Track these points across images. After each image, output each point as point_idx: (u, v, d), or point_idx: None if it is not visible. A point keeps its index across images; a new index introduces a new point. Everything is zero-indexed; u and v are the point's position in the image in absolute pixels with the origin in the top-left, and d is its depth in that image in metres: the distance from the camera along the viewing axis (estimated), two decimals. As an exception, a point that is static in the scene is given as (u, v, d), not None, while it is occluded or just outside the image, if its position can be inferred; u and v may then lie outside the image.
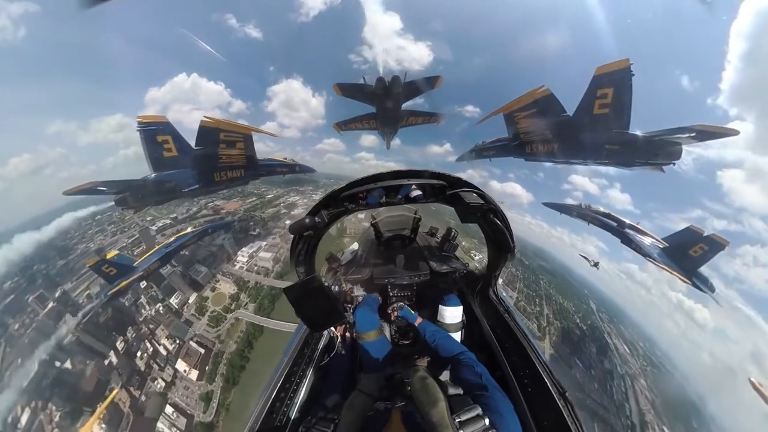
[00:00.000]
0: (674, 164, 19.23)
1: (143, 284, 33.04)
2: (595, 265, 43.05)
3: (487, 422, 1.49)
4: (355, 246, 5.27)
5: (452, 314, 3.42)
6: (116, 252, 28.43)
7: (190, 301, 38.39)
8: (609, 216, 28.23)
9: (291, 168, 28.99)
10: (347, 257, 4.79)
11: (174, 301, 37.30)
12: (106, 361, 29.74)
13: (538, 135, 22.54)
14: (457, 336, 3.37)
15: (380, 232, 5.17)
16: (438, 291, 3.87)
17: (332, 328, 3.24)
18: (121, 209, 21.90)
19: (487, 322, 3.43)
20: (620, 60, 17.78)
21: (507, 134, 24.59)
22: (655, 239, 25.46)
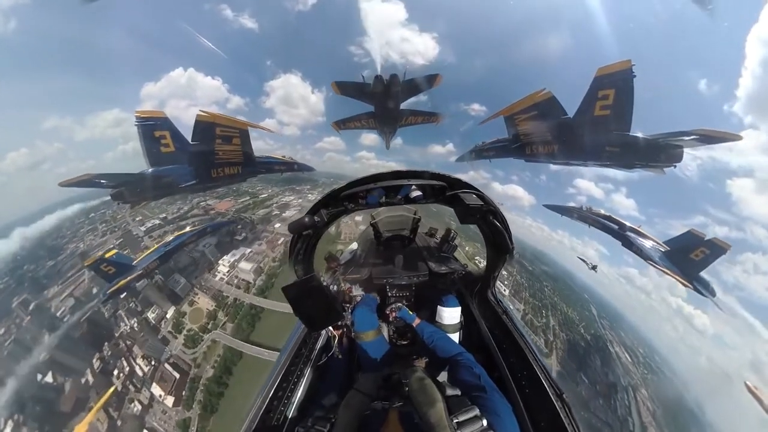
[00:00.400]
0: (675, 167, 19.15)
1: (123, 295, 31.75)
2: (593, 268, 43.20)
3: (485, 423, 1.49)
4: (355, 246, 5.27)
5: (450, 315, 3.42)
6: (114, 251, 28.26)
7: (168, 316, 35.93)
8: (610, 219, 28.16)
9: (289, 166, 28.66)
10: (346, 257, 4.80)
11: (151, 316, 35.17)
12: (83, 379, 28.55)
13: (539, 136, 22.46)
14: (455, 337, 3.37)
15: (379, 232, 5.18)
16: (436, 292, 3.87)
17: (330, 328, 3.23)
18: (117, 203, 21.65)
19: (486, 324, 3.43)
20: (622, 61, 17.59)
21: (507, 135, 24.56)
22: (656, 242, 25.40)
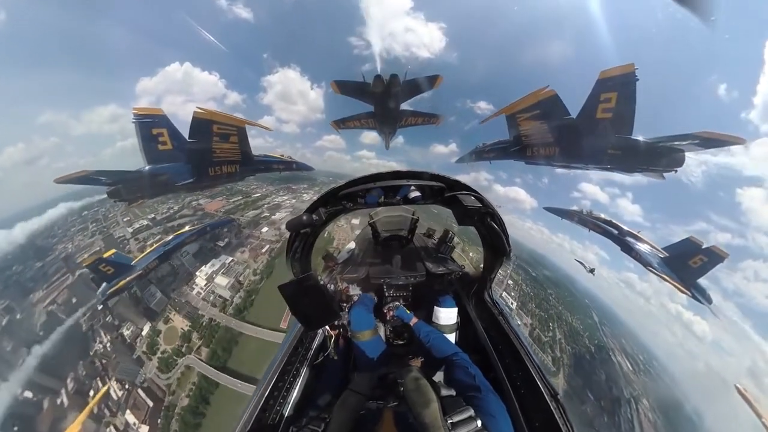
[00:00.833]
0: (675, 171, 19.09)
1: (100, 307, 30.11)
2: (591, 271, 43.31)
3: (479, 424, 1.49)
4: (352, 245, 5.27)
5: (447, 315, 3.42)
6: (113, 250, 28.08)
7: (144, 333, 33.79)
8: (610, 223, 28.14)
9: (288, 165, 28.35)
10: (344, 256, 4.80)
11: (126, 333, 33.13)
12: (59, 400, 27.24)
13: (540, 138, 22.32)
14: (452, 337, 3.37)
15: (378, 232, 5.17)
16: (433, 292, 3.88)
17: (327, 327, 3.23)
18: (114, 201, 21.42)
19: (482, 324, 3.43)
20: (625, 65, 17.56)
21: (508, 136, 24.43)
22: (655, 248, 25.40)
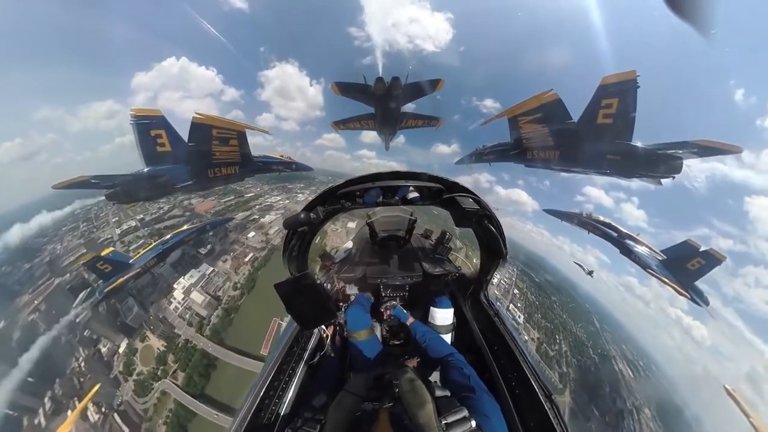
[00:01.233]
0: (673, 178, 19.24)
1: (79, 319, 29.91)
2: (590, 273, 43.42)
3: (474, 424, 1.48)
4: (350, 244, 5.26)
5: (443, 316, 3.43)
6: (111, 249, 27.94)
7: (120, 351, 31.99)
8: (609, 225, 28.30)
9: (287, 166, 28.11)
10: (341, 255, 4.79)
11: (103, 350, 31.32)
12: (36, 420, 26.10)
13: (540, 141, 22.39)
14: (448, 338, 3.38)
15: (375, 232, 5.17)
16: (430, 293, 3.88)
17: (323, 327, 3.22)
18: (112, 204, 21.46)
19: (477, 325, 3.43)
20: (626, 71, 17.75)
21: (509, 138, 24.45)
22: (654, 251, 25.56)
